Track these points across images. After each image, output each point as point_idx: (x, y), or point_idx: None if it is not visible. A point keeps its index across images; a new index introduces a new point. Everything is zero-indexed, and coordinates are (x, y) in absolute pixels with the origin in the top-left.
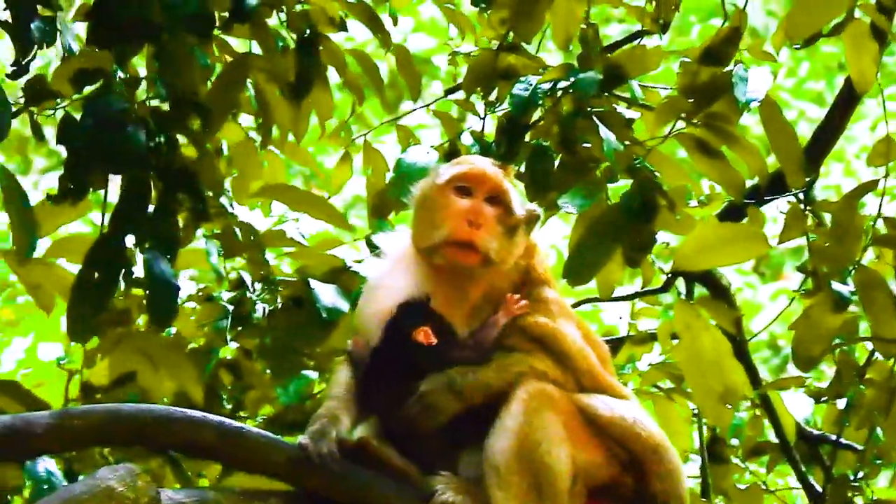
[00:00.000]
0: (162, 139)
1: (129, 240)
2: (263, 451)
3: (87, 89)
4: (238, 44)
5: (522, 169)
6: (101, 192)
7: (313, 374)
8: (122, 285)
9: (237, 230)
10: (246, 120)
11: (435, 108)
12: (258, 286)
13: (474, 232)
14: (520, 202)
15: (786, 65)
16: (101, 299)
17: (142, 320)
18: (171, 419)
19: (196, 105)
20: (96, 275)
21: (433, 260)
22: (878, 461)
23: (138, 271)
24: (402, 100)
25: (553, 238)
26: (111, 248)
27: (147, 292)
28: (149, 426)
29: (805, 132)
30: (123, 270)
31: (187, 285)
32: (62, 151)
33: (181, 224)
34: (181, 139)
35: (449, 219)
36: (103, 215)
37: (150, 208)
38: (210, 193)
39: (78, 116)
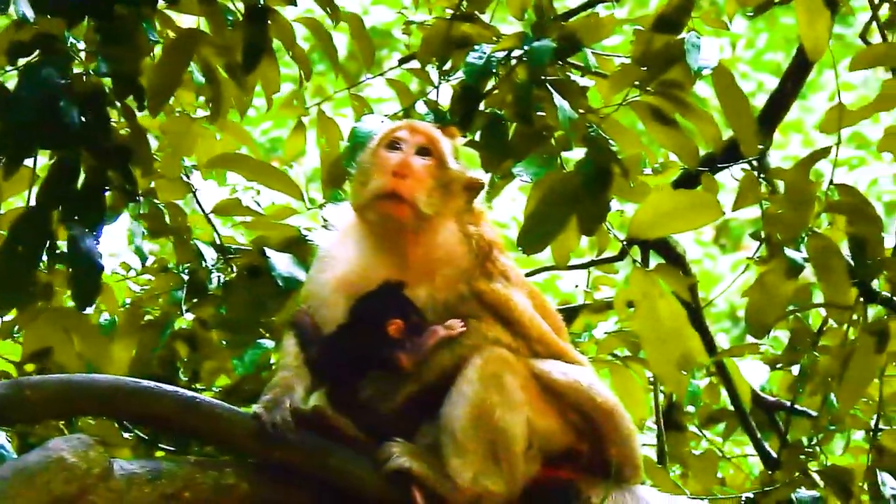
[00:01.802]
0: (97, 115)
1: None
2: (219, 422)
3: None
4: (179, 18)
5: (478, 139)
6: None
7: (270, 344)
8: (47, 260)
9: (165, 211)
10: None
11: (393, 78)
12: (214, 256)
13: (400, 182)
14: (454, 156)
15: (745, 36)
16: (24, 273)
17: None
18: (126, 390)
19: (134, 83)
20: (20, 248)
21: (367, 218)
22: (833, 427)
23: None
24: (363, 72)
25: (514, 210)
26: (36, 222)
27: (70, 269)
28: (104, 397)
29: (763, 103)
30: (48, 245)
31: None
32: None
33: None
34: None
35: (377, 173)
36: (30, 189)
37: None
38: (140, 171)
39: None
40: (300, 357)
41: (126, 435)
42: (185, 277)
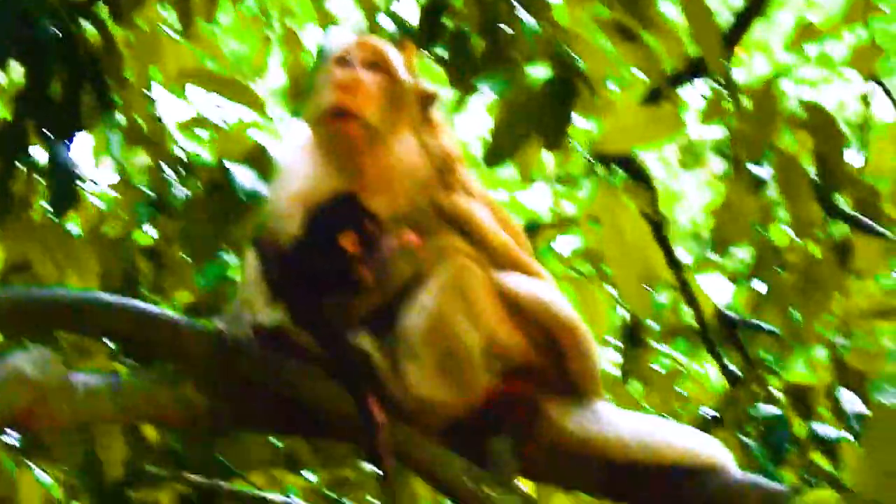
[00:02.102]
0: (69, 27)
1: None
2: (180, 336)
3: None
4: None
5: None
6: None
7: (231, 259)
8: (24, 172)
9: (140, 121)
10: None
11: None
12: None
13: (347, 97)
14: (408, 69)
15: None
16: (1, 185)
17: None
18: (88, 303)
19: None
20: None
21: (319, 134)
22: (794, 343)
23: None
24: None
25: (481, 129)
26: (11, 134)
27: (46, 180)
28: (64, 311)
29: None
30: (23, 157)
31: (109, 174)
32: None
33: (85, 113)
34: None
35: (326, 90)
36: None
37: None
38: (113, 83)
39: None
40: (261, 273)
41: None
42: (149, 193)
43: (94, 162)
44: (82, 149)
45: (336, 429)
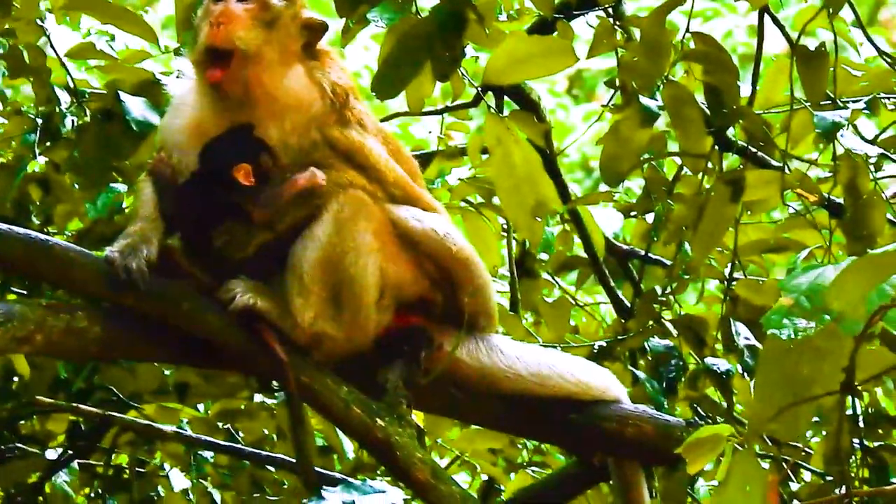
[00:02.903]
0: None
1: None
2: (72, 265)
3: None
4: None
5: None
6: None
7: (122, 188)
8: None
9: (24, 51)
10: None
11: None
12: (67, 100)
13: (216, 32)
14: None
15: None
16: None
17: None
18: None
19: None
20: None
21: (200, 79)
22: (687, 276)
23: None
24: None
25: (368, 59)
26: None
27: None
28: None
29: None
30: None
31: None
32: None
33: None
34: None
35: (200, 28)
36: None
37: None
38: None
39: None
40: (156, 206)
41: None
42: (39, 121)
43: None
44: None
45: (229, 360)
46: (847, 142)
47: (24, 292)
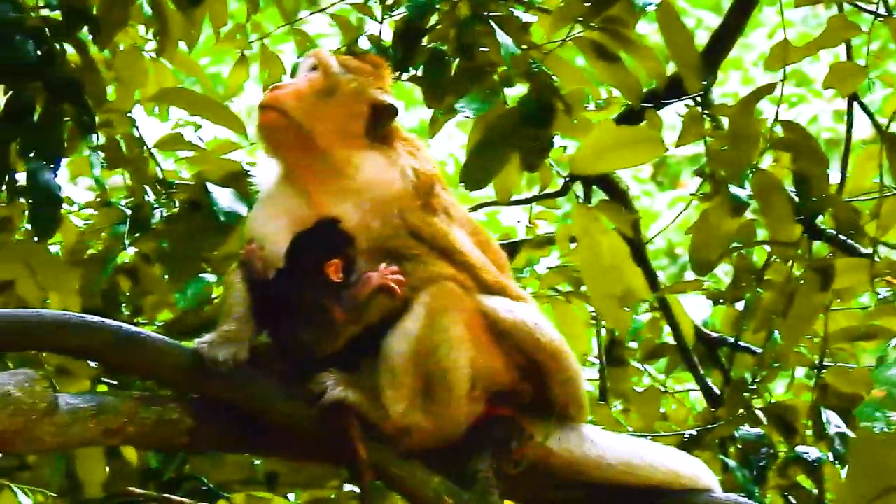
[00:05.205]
0: (50, 49)
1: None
2: (162, 357)
3: None
4: None
5: (420, 74)
6: None
7: (211, 278)
8: (6, 194)
9: (122, 142)
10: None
11: (334, 13)
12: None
13: (270, 94)
14: (341, 67)
15: None
16: None
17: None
18: (70, 323)
19: (87, 15)
20: None
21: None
22: (776, 364)
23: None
24: (301, 8)
25: (452, 147)
26: None
27: (29, 202)
28: (46, 331)
29: (703, 40)
30: (7, 179)
31: (85, 193)
32: None
33: (67, 135)
34: (68, 48)
35: None
36: None
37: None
38: (92, 104)
39: None
40: (246, 300)
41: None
42: (128, 212)
43: (68, 179)
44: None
45: (315, 452)
46: None
47: (115, 382)
